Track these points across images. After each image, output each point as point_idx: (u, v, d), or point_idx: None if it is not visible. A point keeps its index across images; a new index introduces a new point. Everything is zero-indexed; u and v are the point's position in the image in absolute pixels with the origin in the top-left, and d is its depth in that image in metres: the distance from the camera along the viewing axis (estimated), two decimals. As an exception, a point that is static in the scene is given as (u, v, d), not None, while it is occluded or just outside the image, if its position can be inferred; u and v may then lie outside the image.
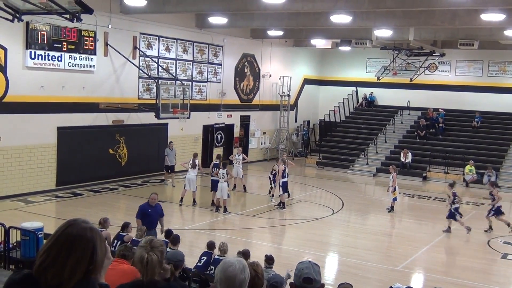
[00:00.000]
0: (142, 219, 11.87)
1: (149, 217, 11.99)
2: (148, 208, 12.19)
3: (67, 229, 2.40)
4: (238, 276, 3.17)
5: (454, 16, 19.65)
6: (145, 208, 12.22)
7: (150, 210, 12.16)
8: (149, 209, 12.17)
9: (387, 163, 25.90)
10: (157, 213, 12.29)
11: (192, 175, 18.28)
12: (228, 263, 3.24)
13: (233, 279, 3.16)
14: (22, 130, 17.92)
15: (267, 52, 29.37)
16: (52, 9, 9.71)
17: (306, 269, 3.63)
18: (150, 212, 12.14)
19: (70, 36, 18.66)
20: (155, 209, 12.27)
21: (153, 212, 12.17)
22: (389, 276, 12.22)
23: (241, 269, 3.20)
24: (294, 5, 18.25)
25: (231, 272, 3.17)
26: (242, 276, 3.18)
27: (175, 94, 22.42)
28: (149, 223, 11.77)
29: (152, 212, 12.16)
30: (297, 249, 14.26)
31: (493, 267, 13.66)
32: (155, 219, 12.15)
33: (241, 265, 3.22)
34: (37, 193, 18.41)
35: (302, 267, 3.65)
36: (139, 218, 11.92)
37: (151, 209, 12.18)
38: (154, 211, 12.22)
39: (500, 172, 25.30)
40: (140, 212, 12.15)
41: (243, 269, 3.21)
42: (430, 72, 31.00)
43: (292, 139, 32.31)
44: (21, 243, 10.29)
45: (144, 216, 11.99)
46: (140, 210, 12.19)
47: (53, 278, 2.30)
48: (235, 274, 3.16)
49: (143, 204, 12.41)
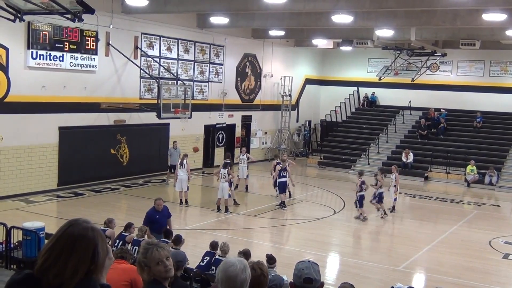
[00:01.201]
0: (150, 226, 11.57)
1: (157, 223, 11.73)
2: (156, 214, 11.93)
3: (68, 229, 2.40)
4: (239, 276, 3.17)
5: (456, 16, 19.64)
6: (152, 214, 11.94)
7: (158, 216, 11.91)
8: (156, 215, 11.91)
9: (388, 163, 25.89)
10: (165, 217, 12.08)
11: (182, 175, 18.27)
12: (229, 263, 3.24)
13: (234, 279, 3.16)
14: (24, 130, 17.94)
15: (269, 52, 29.37)
16: (53, 9, 9.71)
17: (306, 269, 3.62)
18: (158, 218, 11.88)
19: (72, 36, 18.67)
20: (163, 213, 12.05)
21: (161, 217, 11.94)
22: (390, 276, 12.22)
23: (242, 269, 3.20)
24: (296, 5, 18.23)
25: (232, 272, 3.17)
26: (243, 276, 3.19)
27: (176, 94, 22.44)
28: (158, 229, 11.50)
29: (160, 217, 11.91)
30: (298, 249, 14.26)
31: (494, 267, 13.64)
32: (164, 224, 11.86)
33: (242, 265, 3.22)
34: (38, 193, 18.42)
35: (302, 267, 3.64)
36: (146, 224, 11.55)
37: (159, 214, 11.94)
38: (162, 216, 11.99)
39: (502, 172, 25.28)
40: (147, 219, 11.84)
41: (244, 269, 3.21)
42: (432, 72, 30.97)
43: (293, 139, 32.30)
44: (23, 243, 10.31)
45: (152, 223, 11.72)
46: (147, 218, 11.88)
47: (55, 278, 2.31)
48: (236, 274, 3.17)
49: (150, 211, 12.10)
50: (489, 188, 24.34)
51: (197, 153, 24.07)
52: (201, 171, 25.07)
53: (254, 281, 3.53)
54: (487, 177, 24.55)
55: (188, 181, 18.43)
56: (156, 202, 12.17)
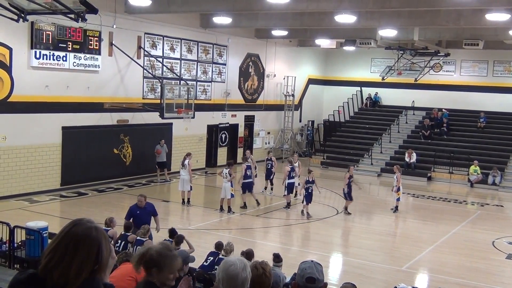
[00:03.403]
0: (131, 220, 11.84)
1: (138, 219, 11.96)
2: (137, 210, 12.24)
3: (72, 228, 2.40)
4: (240, 275, 3.17)
5: (459, 16, 19.61)
6: (134, 209, 12.28)
7: (139, 212, 12.20)
8: (137, 211, 12.21)
9: (391, 163, 25.87)
10: (147, 214, 12.31)
11: (183, 175, 18.31)
12: (229, 262, 3.25)
13: (235, 278, 3.17)
14: (27, 130, 17.97)
15: (272, 52, 29.36)
16: (57, 9, 9.73)
17: (308, 268, 3.63)
18: (139, 213, 12.17)
19: (75, 36, 18.69)
20: (145, 210, 12.30)
21: (142, 213, 12.20)
22: (393, 277, 12.21)
23: (243, 267, 3.21)
24: (299, 5, 18.22)
25: (232, 271, 3.17)
26: (244, 275, 3.19)
27: (179, 94, 22.46)
28: (138, 224, 11.68)
29: (141, 213, 12.18)
30: (301, 249, 14.26)
31: (497, 268, 13.61)
32: (145, 220, 12.04)
33: (242, 264, 3.22)
34: (41, 192, 18.45)
35: (304, 267, 3.65)
36: (127, 219, 11.88)
37: (140, 211, 12.23)
38: (144, 212, 12.24)
39: (505, 172, 25.23)
40: (129, 213, 12.22)
41: (244, 267, 3.22)
42: (435, 72, 30.95)
43: (296, 139, 32.29)
44: (26, 243, 10.33)
45: (133, 218, 12.00)
46: (129, 212, 12.27)
47: (60, 278, 2.31)
48: (237, 273, 3.17)
49: (132, 206, 12.46)
50: (492, 188, 24.30)
51: (197, 153, 24.08)
52: (204, 171, 25.07)
53: (256, 281, 3.53)
54: (491, 177, 24.50)
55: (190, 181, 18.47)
56: (138, 199, 12.45)
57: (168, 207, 18.50)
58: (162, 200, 19.29)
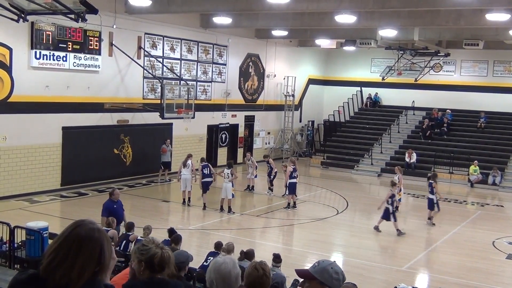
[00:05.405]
0: (108, 216, 11.84)
1: (114, 214, 11.98)
2: (113, 204, 12.26)
3: (75, 229, 2.40)
4: (233, 272, 3.20)
5: (459, 16, 19.61)
6: (109, 205, 12.28)
7: (115, 206, 12.22)
8: (114, 205, 12.24)
9: (391, 163, 25.88)
10: (120, 207, 12.35)
11: (186, 174, 18.32)
12: (219, 262, 3.27)
13: (229, 275, 3.18)
14: (27, 130, 17.97)
15: (272, 52, 29.36)
16: (57, 9, 9.73)
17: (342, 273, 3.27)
18: (116, 208, 12.19)
19: (75, 36, 18.70)
20: (118, 203, 12.34)
21: (117, 207, 12.24)
22: (394, 277, 12.21)
23: (233, 264, 3.24)
24: (299, 5, 18.23)
25: (224, 270, 3.19)
26: (236, 271, 3.22)
27: (179, 94, 22.46)
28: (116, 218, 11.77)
29: (117, 207, 12.22)
30: (301, 249, 14.26)
31: (498, 268, 13.61)
32: (120, 214, 12.12)
33: (231, 261, 3.26)
34: (42, 192, 18.46)
35: (339, 270, 3.26)
36: (105, 215, 11.88)
37: (116, 205, 12.25)
38: (118, 206, 12.29)
39: (505, 172, 25.22)
40: (105, 209, 12.19)
41: (234, 264, 3.25)
42: (435, 72, 30.95)
43: (296, 139, 32.28)
44: (26, 243, 10.31)
45: (110, 213, 11.98)
46: (105, 208, 12.24)
47: (62, 278, 2.31)
48: (229, 270, 3.19)
49: (107, 202, 12.46)
50: (492, 189, 24.30)
51: (197, 153, 24.05)
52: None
53: (256, 281, 3.53)
54: (491, 177, 24.50)
55: (193, 181, 18.49)
56: (114, 192, 12.50)
57: (168, 207, 18.51)
58: (162, 200, 19.33)
